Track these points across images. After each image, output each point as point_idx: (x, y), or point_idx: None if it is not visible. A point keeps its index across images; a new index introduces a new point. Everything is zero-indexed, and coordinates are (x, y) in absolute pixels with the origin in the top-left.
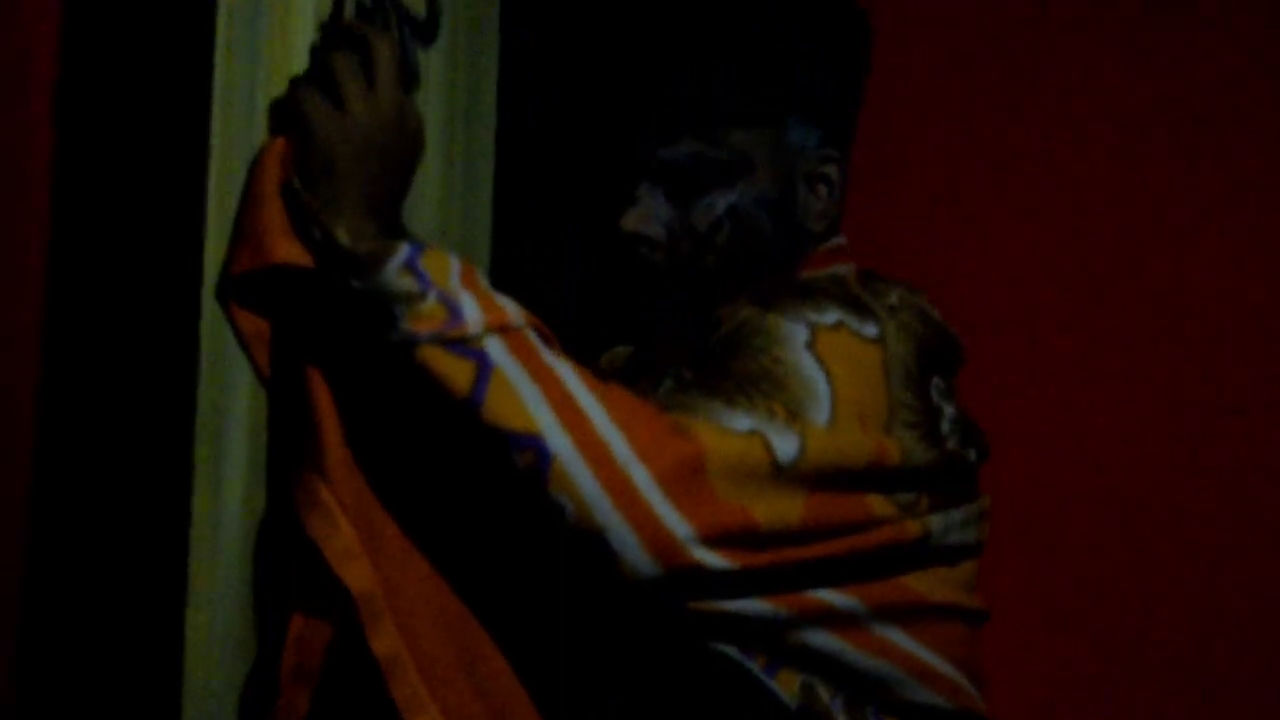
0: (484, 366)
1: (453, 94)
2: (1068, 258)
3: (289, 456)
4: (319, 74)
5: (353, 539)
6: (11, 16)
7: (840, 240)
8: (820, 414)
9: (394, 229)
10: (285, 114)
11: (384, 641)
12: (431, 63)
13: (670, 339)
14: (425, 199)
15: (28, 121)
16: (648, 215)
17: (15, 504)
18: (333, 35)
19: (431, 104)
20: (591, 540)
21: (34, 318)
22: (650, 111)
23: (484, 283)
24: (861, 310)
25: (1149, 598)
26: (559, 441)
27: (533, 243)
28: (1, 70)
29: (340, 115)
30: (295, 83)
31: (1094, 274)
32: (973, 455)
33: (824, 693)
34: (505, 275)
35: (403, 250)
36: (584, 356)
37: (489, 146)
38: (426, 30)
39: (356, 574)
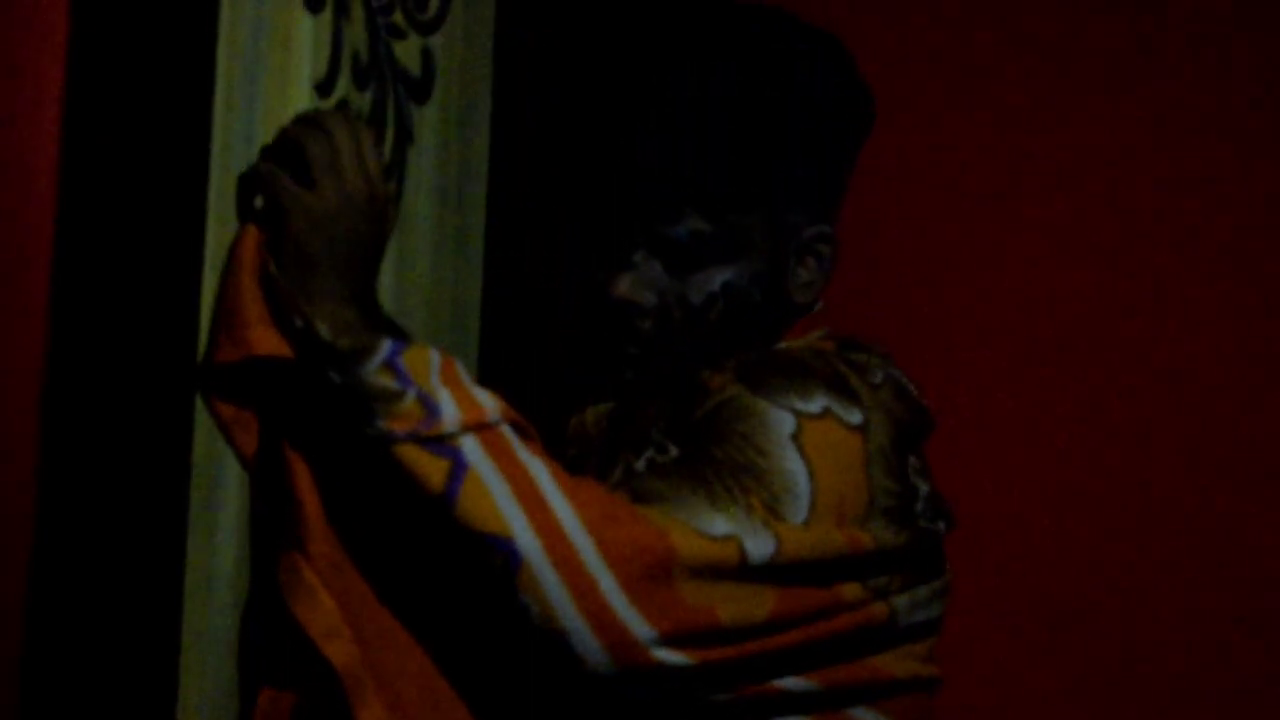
0: (458, 465)
1: (446, 150)
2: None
3: (272, 537)
4: (289, 158)
5: (336, 617)
6: (14, 77)
7: (820, 306)
8: (798, 512)
9: (372, 315)
10: (259, 198)
11: (370, 715)
12: (425, 119)
13: (651, 399)
14: (419, 255)
15: (34, 170)
16: (642, 283)
17: (21, 519)
18: (300, 121)
19: (424, 159)
20: (555, 639)
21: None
22: (647, 184)
23: (464, 378)
24: (846, 394)
25: (1133, 607)
26: (529, 544)
27: (525, 299)
28: (10, 119)
29: (312, 202)
30: (260, 169)
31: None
32: (942, 528)
33: None
34: (497, 330)
35: (384, 348)
36: (569, 409)
37: (481, 202)
38: (421, 88)
39: (340, 651)
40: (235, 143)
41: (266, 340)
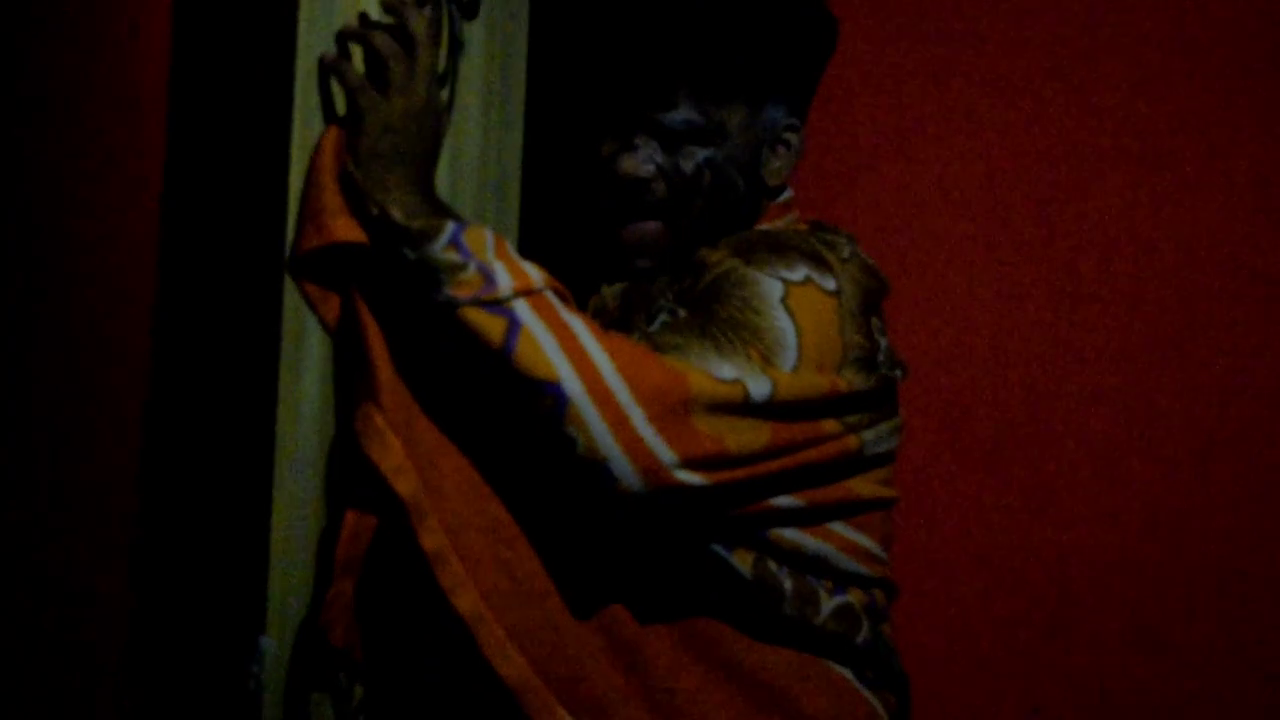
0: (514, 323)
1: (491, 60)
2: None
3: (352, 391)
4: (371, 62)
5: (401, 456)
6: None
7: (790, 194)
8: (788, 361)
9: (435, 201)
10: (341, 98)
11: (430, 538)
12: (473, 33)
13: (658, 276)
14: (469, 145)
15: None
16: (643, 159)
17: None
18: (370, 23)
19: (473, 64)
20: (596, 466)
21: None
22: (649, 77)
23: (514, 253)
24: (822, 265)
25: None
26: (574, 387)
27: (558, 181)
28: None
29: (387, 110)
30: (344, 73)
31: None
32: (899, 375)
33: (773, 565)
34: (533, 218)
35: (448, 228)
36: (593, 288)
37: (520, 101)
38: (470, 7)
39: (406, 485)
40: (317, 44)
41: (346, 228)
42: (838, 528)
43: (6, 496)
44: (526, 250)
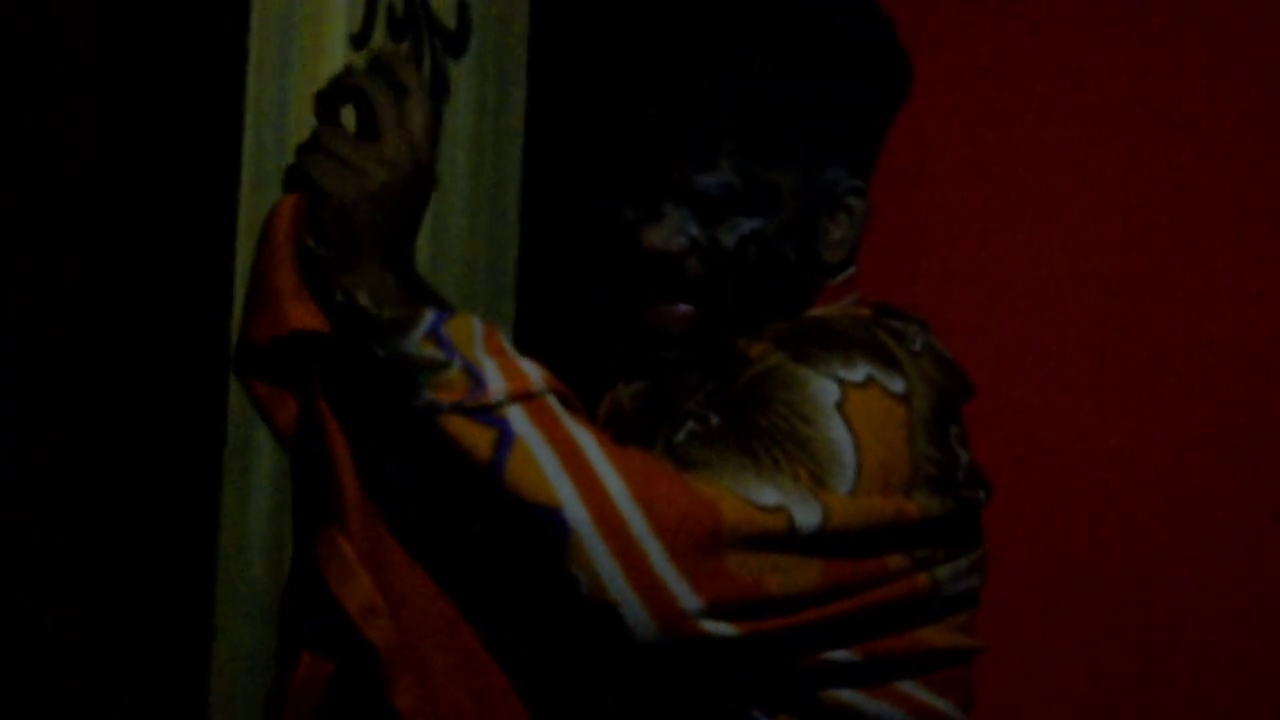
0: (506, 435)
1: (482, 104)
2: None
3: (312, 512)
4: (326, 126)
5: (372, 594)
6: (52, 38)
7: (852, 271)
8: (844, 482)
9: (413, 283)
10: (297, 171)
11: (405, 697)
12: (461, 73)
13: (687, 373)
14: (454, 211)
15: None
16: (672, 232)
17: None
18: (339, 85)
19: (460, 114)
20: (605, 611)
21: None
22: (682, 130)
23: (508, 347)
24: (889, 363)
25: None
26: (578, 515)
27: (560, 251)
28: (46, 88)
29: (350, 168)
30: (304, 144)
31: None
32: (982, 496)
33: None
34: (531, 284)
35: (427, 318)
36: (603, 383)
37: (517, 156)
38: (456, 42)
39: (379, 631)
40: (269, 94)
41: (303, 315)
42: (906, 687)
43: None
44: (523, 344)
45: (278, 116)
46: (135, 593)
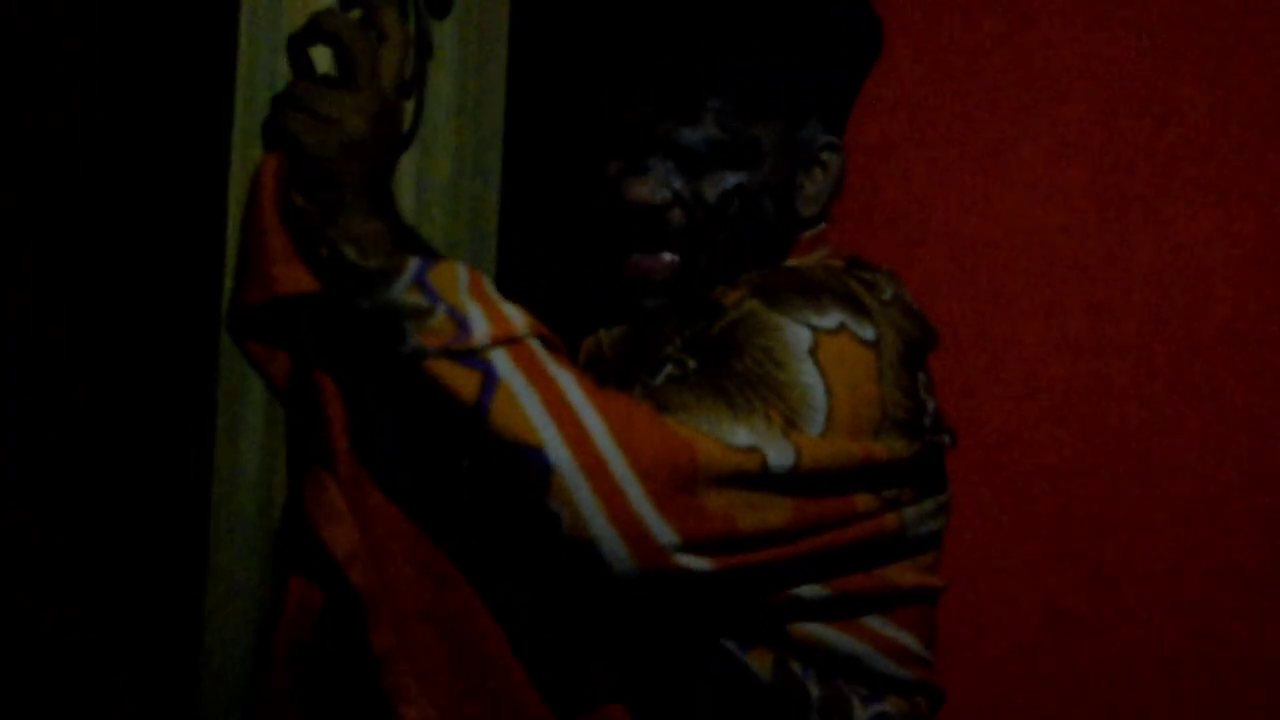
0: (490, 378)
1: (465, 64)
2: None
3: (303, 457)
4: (300, 79)
5: (357, 539)
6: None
7: (824, 225)
8: (816, 425)
9: (397, 230)
10: (274, 126)
11: (384, 640)
12: (444, 34)
13: (665, 319)
14: (438, 167)
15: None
16: (657, 185)
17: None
18: (317, 26)
19: (444, 75)
20: (584, 547)
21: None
22: (668, 85)
23: (492, 292)
24: (860, 311)
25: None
26: (560, 454)
27: (542, 215)
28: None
29: (328, 121)
30: (279, 98)
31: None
32: (947, 441)
33: (796, 667)
34: (513, 250)
35: (411, 266)
36: (584, 329)
37: (500, 114)
38: (440, 3)
39: (363, 575)
40: (260, 56)
41: (292, 277)
42: (873, 623)
43: None
44: (506, 288)
45: (268, 77)
46: (134, 593)
